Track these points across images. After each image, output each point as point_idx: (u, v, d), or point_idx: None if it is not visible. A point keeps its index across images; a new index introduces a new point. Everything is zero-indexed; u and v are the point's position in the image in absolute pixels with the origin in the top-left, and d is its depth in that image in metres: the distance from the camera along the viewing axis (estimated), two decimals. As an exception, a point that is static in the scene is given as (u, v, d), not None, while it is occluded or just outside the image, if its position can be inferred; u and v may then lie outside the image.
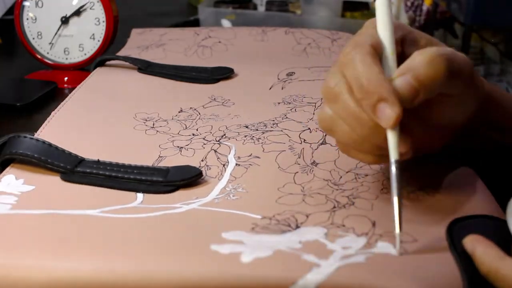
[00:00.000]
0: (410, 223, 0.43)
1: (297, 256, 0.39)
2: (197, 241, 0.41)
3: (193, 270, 0.38)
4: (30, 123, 0.60)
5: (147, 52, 0.81)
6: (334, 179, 0.49)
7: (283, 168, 0.51)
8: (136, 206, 0.45)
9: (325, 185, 0.48)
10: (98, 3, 0.79)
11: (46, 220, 0.43)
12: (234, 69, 0.73)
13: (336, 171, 0.50)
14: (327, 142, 0.54)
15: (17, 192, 0.46)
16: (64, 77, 0.79)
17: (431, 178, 0.50)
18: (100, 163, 0.50)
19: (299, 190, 0.48)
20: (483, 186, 0.49)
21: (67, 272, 0.38)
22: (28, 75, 0.80)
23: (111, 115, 0.61)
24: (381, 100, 0.40)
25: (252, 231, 0.42)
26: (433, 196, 0.47)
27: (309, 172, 0.50)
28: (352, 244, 0.40)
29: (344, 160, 0.51)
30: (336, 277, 0.37)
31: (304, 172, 0.50)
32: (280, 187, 0.48)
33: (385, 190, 0.48)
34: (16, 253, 0.39)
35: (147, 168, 0.50)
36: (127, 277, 0.37)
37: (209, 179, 0.50)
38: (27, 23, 0.81)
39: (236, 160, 0.52)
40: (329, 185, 0.48)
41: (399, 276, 0.37)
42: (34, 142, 0.51)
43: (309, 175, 0.50)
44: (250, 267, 0.38)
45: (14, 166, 0.50)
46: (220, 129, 0.58)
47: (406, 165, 0.43)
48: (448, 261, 0.39)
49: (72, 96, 0.64)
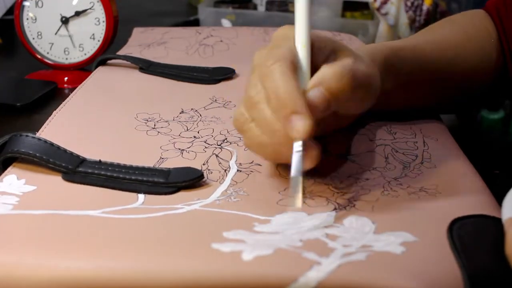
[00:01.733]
0: (411, 222, 0.43)
1: (298, 254, 0.39)
2: (198, 240, 0.41)
3: (194, 269, 0.38)
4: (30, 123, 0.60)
5: (149, 50, 0.81)
6: (335, 184, 0.49)
7: (284, 175, 0.51)
8: (137, 207, 0.45)
9: (326, 189, 0.48)
10: (98, 3, 0.79)
11: (47, 220, 0.43)
12: (235, 68, 0.73)
13: (337, 177, 0.50)
14: (328, 150, 0.54)
15: (19, 193, 0.46)
16: (64, 77, 0.80)
17: (432, 178, 0.50)
18: (102, 164, 0.50)
19: None
20: (483, 185, 0.49)
21: (69, 272, 0.38)
22: (28, 75, 0.81)
23: (112, 115, 0.61)
24: (295, 112, 0.43)
25: (253, 231, 0.42)
26: (434, 196, 0.47)
27: (310, 178, 0.50)
28: (353, 243, 0.40)
29: (345, 167, 0.52)
30: (337, 274, 0.37)
31: (305, 178, 0.50)
32: (281, 190, 0.48)
33: (385, 192, 0.48)
34: (18, 253, 0.39)
35: (149, 169, 0.50)
36: (129, 276, 0.37)
37: (211, 182, 0.49)
38: (27, 23, 0.81)
39: (237, 166, 0.52)
40: (330, 189, 0.48)
41: (400, 274, 0.37)
42: (36, 141, 0.50)
43: (310, 180, 0.50)
44: (251, 265, 0.38)
45: (16, 166, 0.50)
46: (222, 133, 0.58)
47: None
48: (449, 259, 0.39)
49: (73, 96, 0.64)
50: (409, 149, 0.55)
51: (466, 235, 0.41)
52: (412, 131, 0.58)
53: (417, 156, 0.54)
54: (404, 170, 0.51)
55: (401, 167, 0.52)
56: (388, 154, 0.54)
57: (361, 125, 0.58)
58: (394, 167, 0.52)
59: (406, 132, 0.58)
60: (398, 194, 0.48)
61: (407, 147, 0.55)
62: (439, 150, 0.55)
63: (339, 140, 0.56)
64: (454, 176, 0.50)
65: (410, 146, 0.55)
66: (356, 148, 0.55)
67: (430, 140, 0.57)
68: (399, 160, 0.53)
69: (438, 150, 0.55)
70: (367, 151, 0.54)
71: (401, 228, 0.42)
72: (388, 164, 0.52)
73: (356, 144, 0.55)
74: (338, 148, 0.55)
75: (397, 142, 0.56)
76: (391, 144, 0.55)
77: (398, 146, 0.55)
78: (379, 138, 0.56)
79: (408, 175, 0.51)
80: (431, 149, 0.55)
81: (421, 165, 0.52)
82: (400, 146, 0.55)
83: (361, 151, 0.54)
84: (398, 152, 0.54)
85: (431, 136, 0.58)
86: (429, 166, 0.52)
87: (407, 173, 0.51)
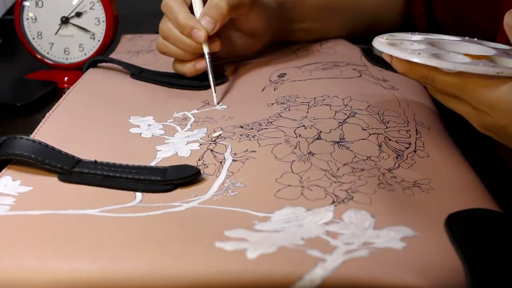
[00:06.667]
0: (409, 216, 0.42)
1: (302, 251, 0.38)
2: (200, 239, 0.39)
3: (199, 267, 0.37)
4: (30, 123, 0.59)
5: (138, 57, 0.80)
6: (331, 170, 0.48)
7: (280, 157, 0.49)
8: (135, 205, 0.44)
9: (323, 176, 0.47)
10: (98, 3, 0.78)
11: (46, 221, 0.42)
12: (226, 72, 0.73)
13: (333, 162, 0.49)
14: (322, 138, 0.53)
15: (15, 193, 0.45)
16: (64, 77, 0.78)
17: (425, 173, 0.49)
18: (98, 164, 0.48)
19: (298, 181, 0.46)
20: (477, 180, 0.48)
21: (73, 274, 0.37)
22: (28, 75, 0.79)
23: (105, 117, 0.60)
24: (193, 28, 0.66)
25: (254, 229, 0.41)
26: (428, 193, 0.47)
27: (306, 160, 0.49)
28: (354, 240, 0.39)
29: (340, 153, 0.51)
30: (341, 271, 0.36)
31: (301, 160, 0.49)
32: (278, 177, 0.47)
33: (382, 185, 0.47)
34: (20, 256, 0.38)
35: (145, 167, 0.49)
36: (133, 276, 0.36)
37: (207, 176, 0.48)
38: (27, 23, 0.80)
39: (232, 157, 0.51)
40: (327, 176, 0.47)
41: (402, 269, 0.36)
42: (31, 143, 0.49)
43: (306, 163, 0.48)
44: (256, 263, 0.37)
45: (11, 168, 0.49)
46: (215, 130, 0.57)
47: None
48: (450, 253, 0.38)
49: (66, 98, 0.63)
50: (402, 137, 0.54)
51: (463, 228, 0.41)
52: (404, 119, 0.57)
53: (410, 144, 0.53)
54: (398, 159, 0.51)
55: (394, 155, 0.51)
56: (381, 142, 0.53)
57: (352, 115, 0.57)
58: (388, 156, 0.51)
59: (398, 120, 0.57)
60: (393, 188, 0.47)
61: (400, 135, 0.54)
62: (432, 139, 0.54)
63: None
64: (447, 171, 0.50)
65: (402, 135, 0.54)
66: (350, 136, 0.54)
67: (422, 128, 0.56)
68: (392, 149, 0.52)
69: (431, 139, 0.54)
70: (360, 139, 0.53)
71: (400, 223, 0.41)
72: (382, 152, 0.51)
73: (350, 132, 0.54)
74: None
75: (390, 130, 0.55)
76: (384, 133, 0.54)
77: (391, 134, 0.54)
78: (372, 127, 0.55)
79: (401, 166, 0.50)
80: (424, 137, 0.54)
81: (414, 153, 0.52)
82: (393, 134, 0.54)
83: (354, 139, 0.53)
84: (391, 141, 0.53)
85: (424, 124, 0.57)
86: (422, 155, 0.51)
87: (401, 163, 0.50)
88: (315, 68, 0.71)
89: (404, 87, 0.66)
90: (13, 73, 0.84)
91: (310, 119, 0.57)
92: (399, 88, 0.65)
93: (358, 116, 0.57)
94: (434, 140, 0.54)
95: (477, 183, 0.48)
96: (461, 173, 0.49)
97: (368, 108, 0.59)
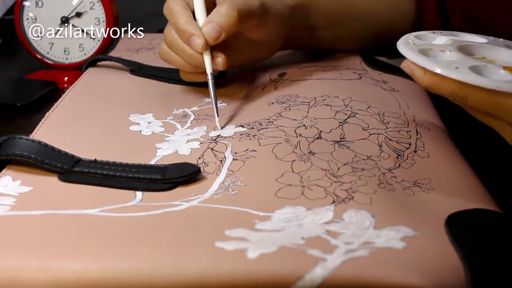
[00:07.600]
0: (409, 216, 0.42)
1: (302, 251, 0.37)
2: (201, 239, 0.39)
3: (200, 267, 0.36)
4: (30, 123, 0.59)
5: (138, 55, 0.79)
6: (332, 170, 0.48)
7: (280, 157, 0.49)
8: (135, 204, 0.44)
9: (324, 175, 0.47)
10: (98, 3, 0.78)
11: (46, 221, 0.41)
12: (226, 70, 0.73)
13: (334, 162, 0.49)
14: (323, 138, 0.53)
15: (15, 194, 0.45)
16: (64, 77, 0.78)
17: (425, 173, 0.49)
18: (98, 163, 0.48)
19: (298, 181, 0.46)
20: (477, 180, 0.48)
21: (74, 274, 0.36)
22: (28, 75, 0.79)
23: (105, 115, 0.60)
24: (192, 35, 0.59)
25: (254, 229, 0.41)
26: (428, 192, 0.46)
27: (306, 160, 0.49)
28: (354, 240, 0.39)
29: (340, 153, 0.50)
30: (342, 271, 0.36)
31: (302, 160, 0.49)
32: (278, 177, 0.47)
33: (382, 185, 0.46)
34: (21, 256, 0.37)
35: (145, 166, 0.48)
36: (133, 276, 0.36)
37: (207, 175, 0.48)
38: (27, 23, 0.80)
39: (233, 155, 0.50)
40: (328, 176, 0.47)
41: (403, 269, 0.36)
42: (30, 143, 0.49)
43: (307, 163, 0.48)
44: (256, 263, 0.36)
45: (10, 168, 0.48)
46: (216, 129, 0.57)
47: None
48: (450, 252, 0.38)
49: (66, 97, 0.63)
50: (402, 137, 0.54)
51: (463, 228, 0.41)
52: (404, 120, 0.57)
53: (410, 144, 0.53)
54: (398, 159, 0.51)
55: (395, 155, 0.51)
56: (382, 142, 0.53)
57: (353, 115, 0.57)
58: (388, 156, 0.51)
59: (399, 121, 0.57)
60: (394, 188, 0.46)
61: (400, 136, 0.54)
62: (432, 140, 0.54)
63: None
64: (447, 171, 0.50)
65: (403, 135, 0.54)
66: (350, 135, 0.54)
67: (423, 129, 0.56)
68: (392, 149, 0.52)
69: (431, 139, 0.54)
70: (361, 139, 0.53)
71: (400, 222, 0.41)
72: (382, 152, 0.51)
73: (350, 132, 0.54)
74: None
75: (390, 131, 0.55)
76: (384, 133, 0.54)
77: (391, 134, 0.54)
78: (372, 128, 0.55)
79: (402, 166, 0.50)
80: (424, 138, 0.54)
81: (414, 153, 0.52)
82: (393, 134, 0.54)
83: (355, 139, 0.53)
84: (392, 141, 0.53)
85: (424, 125, 0.57)
86: (423, 156, 0.51)
87: (401, 163, 0.50)
88: (315, 69, 0.71)
89: (404, 89, 0.66)
90: (13, 73, 0.84)
91: (310, 118, 0.57)
92: (399, 90, 0.65)
93: (359, 116, 0.57)
94: (434, 140, 0.54)
95: (477, 184, 0.48)
96: (461, 174, 0.49)
97: (368, 109, 0.58)
